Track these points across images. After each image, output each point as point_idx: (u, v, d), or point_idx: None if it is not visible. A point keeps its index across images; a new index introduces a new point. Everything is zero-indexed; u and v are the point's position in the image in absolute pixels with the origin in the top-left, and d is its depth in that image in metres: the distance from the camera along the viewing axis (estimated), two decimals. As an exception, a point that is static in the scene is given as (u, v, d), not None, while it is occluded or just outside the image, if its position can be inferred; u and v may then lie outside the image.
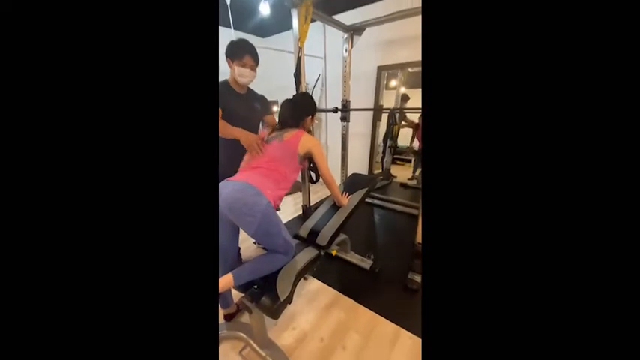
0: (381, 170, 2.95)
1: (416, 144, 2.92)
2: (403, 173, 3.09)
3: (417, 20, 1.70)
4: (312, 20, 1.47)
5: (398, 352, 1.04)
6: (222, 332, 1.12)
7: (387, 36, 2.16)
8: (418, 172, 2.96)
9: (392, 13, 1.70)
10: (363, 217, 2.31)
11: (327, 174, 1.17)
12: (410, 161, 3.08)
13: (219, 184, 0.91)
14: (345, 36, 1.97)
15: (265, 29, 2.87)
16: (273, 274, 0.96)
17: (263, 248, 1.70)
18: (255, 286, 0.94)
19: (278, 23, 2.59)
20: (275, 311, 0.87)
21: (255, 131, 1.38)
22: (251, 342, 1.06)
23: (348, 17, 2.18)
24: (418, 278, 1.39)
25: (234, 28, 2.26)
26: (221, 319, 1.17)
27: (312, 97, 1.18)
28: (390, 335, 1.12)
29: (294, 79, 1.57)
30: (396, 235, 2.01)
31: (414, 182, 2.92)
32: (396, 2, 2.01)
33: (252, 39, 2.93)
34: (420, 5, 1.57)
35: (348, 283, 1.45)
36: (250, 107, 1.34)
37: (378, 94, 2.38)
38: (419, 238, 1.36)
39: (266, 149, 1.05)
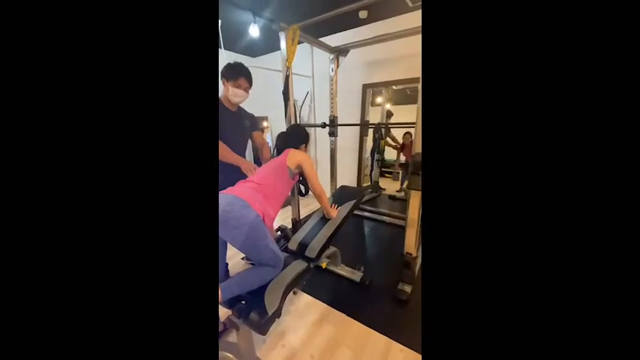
0: (369, 183, 3.02)
1: (402, 158, 3.03)
2: (391, 185, 3.16)
3: (398, 42, 1.83)
4: (300, 42, 1.56)
5: (389, 366, 1.03)
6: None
7: (371, 57, 2.30)
8: (406, 184, 3.05)
9: (373, 36, 1.83)
10: (353, 228, 2.32)
11: (317, 186, 1.20)
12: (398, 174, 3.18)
13: None
14: (331, 56, 2.08)
15: (255, 49, 2.99)
16: (261, 288, 0.95)
17: (252, 264, 1.67)
18: (243, 302, 0.93)
19: (268, 44, 2.71)
20: (263, 326, 0.85)
21: (243, 146, 1.42)
22: (238, 362, 1.02)
23: (334, 39, 2.32)
24: (408, 288, 1.40)
25: (224, 49, 2.34)
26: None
27: (304, 128, 1.26)
28: (381, 349, 1.11)
29: (282, 96, 1.64)
30: (385, 246, 2.03)
31: (402, 194, 2.99)
32: (376, 27, 2.17)
33: (243, 58, 3.01)
34: (399, 30, 1.71)
35: (339, 296, 1.43)
36: (240, 124, 1.39)
37: (363, 110, 2.48)
38: (407, 248, 1.38)
39: (261, 167, 1.09)
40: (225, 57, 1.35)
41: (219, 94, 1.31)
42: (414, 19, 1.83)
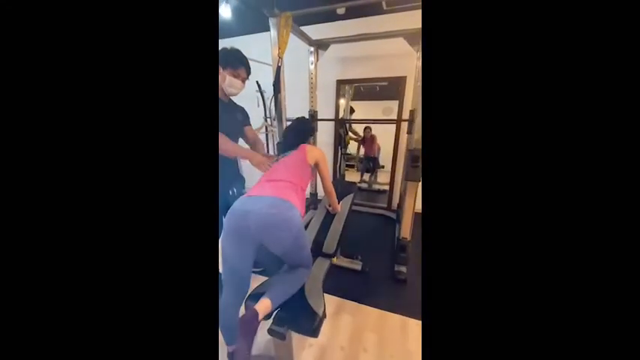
0: (337, 176, 3.14)
1: (362, 151, 3.27)
2: (352, 177, 3.38)
3: (372, 43, 1.93)
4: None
5: (412, 339, 1.15)
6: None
7: (346, 53, 2.34)
8: (366, 176, 3.31)
9: (355, 34, 1.88)
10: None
11: (329, 184, 1.20)
12: (353, 166, 3.41)
13: (243, 199, 0.82)
14: (311, 49, 2.04)
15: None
16: (297, 293, 0.91)
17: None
18: (278, 309, 0.87)
19: (230, 27, 2.44)
20: (316, 329, 0.82)
21: (236, 141, 1.28)
22: (273, 374, 0.96)
23: (311, 30, 2.26)
24: (403, 269, 1.56)
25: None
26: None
27: (310, 121, 1.22)
28: (399, 326, 1.22)
29: (273, 88, 1.53)
30: (367, 233, 2.17)
31: (365, 185, 3.24)
32: (352, 24, 2.22)
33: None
34: (375, 32, 1.81)
35: (346, 287, 1.48)
36: (233, 116, 1.25)
37: (338, 105, 2.54)
38: (403, 234, 1.54)
39: (280, 163, 1.01)
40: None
41: None
42: (387, 21, 1.97)
